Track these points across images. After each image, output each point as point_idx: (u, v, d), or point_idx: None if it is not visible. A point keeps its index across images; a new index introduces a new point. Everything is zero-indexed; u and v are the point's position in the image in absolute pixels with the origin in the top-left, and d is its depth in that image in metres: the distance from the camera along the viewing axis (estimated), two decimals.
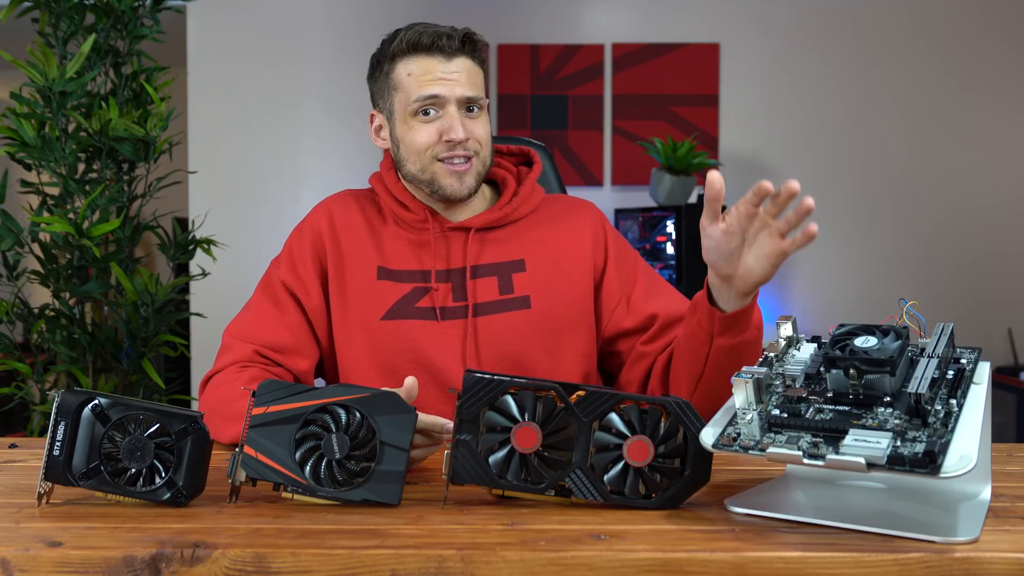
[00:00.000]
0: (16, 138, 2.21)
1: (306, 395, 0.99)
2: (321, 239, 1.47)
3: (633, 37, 3.90)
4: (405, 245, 1.45)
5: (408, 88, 1.40)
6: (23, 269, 2.31)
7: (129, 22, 2.37)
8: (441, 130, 1.39)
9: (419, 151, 1.41)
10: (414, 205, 1.46)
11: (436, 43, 1.39)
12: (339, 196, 1.54)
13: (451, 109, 1.39)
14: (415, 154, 1.41)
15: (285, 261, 1.48)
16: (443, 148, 1.40)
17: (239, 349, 1.40)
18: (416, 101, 1.39)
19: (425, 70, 1.39)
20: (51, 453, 0.96)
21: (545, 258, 1.46)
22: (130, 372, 2.36)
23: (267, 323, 1.43)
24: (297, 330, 1.43)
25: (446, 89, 1.38)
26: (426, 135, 1.40)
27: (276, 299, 1.45)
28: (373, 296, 1.42)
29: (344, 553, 0.82)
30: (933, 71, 3.91)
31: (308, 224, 1.50)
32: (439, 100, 1.39)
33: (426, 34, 1.39)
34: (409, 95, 1.40)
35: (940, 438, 0.83)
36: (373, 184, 1.51)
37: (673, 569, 0.81)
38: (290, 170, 3.91)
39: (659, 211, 3.44)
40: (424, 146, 1.40)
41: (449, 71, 1.39)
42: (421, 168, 1.42)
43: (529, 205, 1.49)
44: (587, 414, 0.96)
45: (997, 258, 3.94)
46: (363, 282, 1.43)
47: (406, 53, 1.41)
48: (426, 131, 1.40)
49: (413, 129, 1.41)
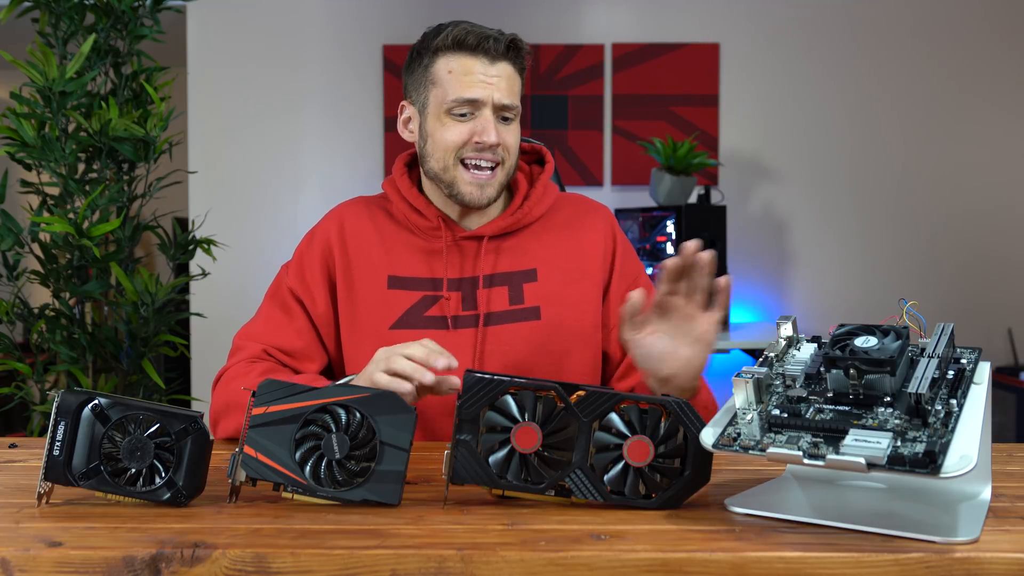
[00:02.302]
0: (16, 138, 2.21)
1: (306, 395, 0.99)
2: (330, 247, 1.46)
3: (633, 37, 3.90)
4: (416, 253, 1.44)
5: (447, 85, 1.38)
6: (23, 269, 2.31)
7: (129, 22, 2.38)
8: (473, 131, 1.37)
9: (446, 149, 1.39)
10: (428, 212, 1.44)
11: (482, 44, 1.37)
12: (351, 203, 1.53)
13: (486, 113, 1.37)
14: (442, 151, 1.39)
15: (294, 268, 1.48)
16: (471, 149, 1.38)
17: (249, 348, 1.42)
18: (453, 101, 1.37)
19: (466, 70, 1.37)
20: (51, 453, 0.96)
21: (556, 267, 1.45)
22: (130, 372, 2.36)
23: (276, 328, 1.44)
24: (305, 335, 1.44)
25: (485, 93, 1.36)
26: (457, 134, 1.38)
27: (284, 305, 1.45)
28: (383, 305, 1.42)
29: (344, 553, 0.82)
30: (933, 71, 3.91)
31: (318, 231, 1.50)
32: (476, 103, 1.37)
33: (472, 33, 1.37)
34: (447, 92, 1.38)
35: (940, 438, 0.83)
36: (386, 190, 1.50)
37: (673, 569, 0.81)
38: (290, 170, 3.91)
39: (659, 211, 3.44)
40: (453, 145, 1.38)
41: (490, 74, 1.37)
42: (444, 167, 1.40)
43: (542, 206, 1.48)
44: (587, 414, 0.96)
45: (997, 258, 3.94)
46: (373, 290, 1.43)
47: (450, 49, 1.38)
48: (458, 130, 1.38)
49: (445, 126, 1.39)
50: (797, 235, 3.91)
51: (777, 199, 3.89)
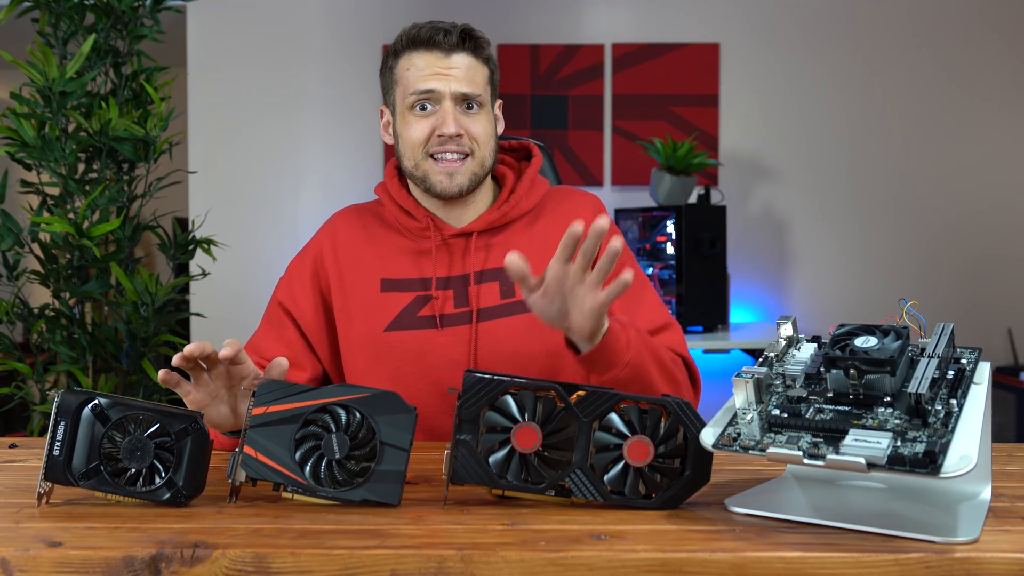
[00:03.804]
0: (16, 138, 2.21)
1: (306, 395, 0.99)
2: (322, 258, 1.49)
3: (633, 37, 3.90)
4: (406, 255, 1.46)
5: (406, 82, 1.41)
6: (23, 269, 2.31)
7: (129, 22, 2.38)
8: (435, 125, 1.39)
9: (413, 146, 1.41)
10: (418, 212, 1.46)
11: (434, 38, 1.39)
12: (343, 213, 1.56)
13: (446, 104, 1.39)
14: (410, 149, 1.42)
15: (284, 282, 1.51)
16: (435, 143, 1.40)
17: None
18: (412, 95, 1.39)
19: (423, 64, 1.39)
20: (51, 453, 0.96)
21: (545, 257, 1.45)
22: (130, 372, 2.36)
23: (267, 341, 1.47)
24: (294, 345, 1.46)
25: (441, 84, 1.38)
26: (419, 130, 1.40)
27: (273, 320, 1.49)
28: (376, 308, 1.43)
29: (344, 553, 0.82)
30: (933, 71, 3.91)
31: (311, 245, 1.53)
32: (434, 95, 1.39)
33: (425, 28, 1.40)
34: (406, 89, 1.40)
35: (940, 438, 0.83)
36: (378, 194, 1.52)
37: (673, 569, 0.81)
38: (290, 170, 3.91)
39: (659, 211, 3.44)
40: (418, 141, 1.40)
41: (446, 66, 1.39)
42: (415, 164, 1.42)
43: (530, 200, 1.48)
44: (587, 414, 0.96)
45: (997, 258, 3.94)
46: (366, 295, 1.44)
47: (406, 48, 1.41)
48: (420, 126, 1.40)
49: (409, 124, 1.41)
50: (797, 235, 3.91)
51: (777, 199, 3.89)
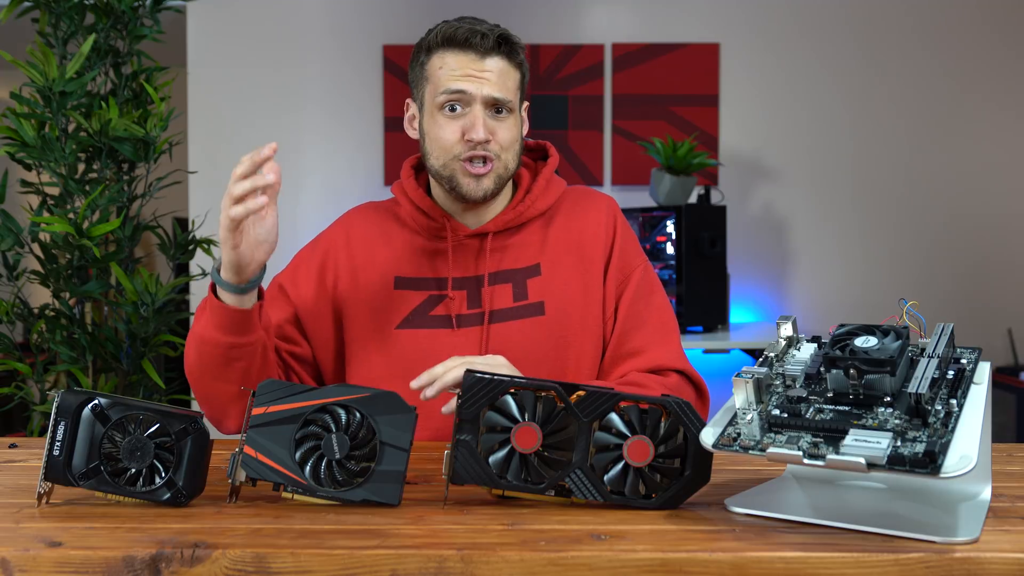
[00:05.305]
0: (16, 138, 2.21)
1: (306, 395, 0.99)
2: (335, 251, 1.48)
3: (633, 37, 3.90)
4: (421, 254, 1.46)
5: (437, 80, 1.39)
6: (23, 269, 2.31)
7: (129, 22, 2.38)
8: (464, 128, 1.38)
9: (443, 148, 1.39)
10: (434, 212, 1.45)
11: (470, 39, 1.37)
12: (358, 209, 1.56)
13: (476, 108, 1.37)
14: (439, 149, 1.40)
15: (288, 268, 1.51)
16: (465, 148, 1.38)
17: None
18: (443, 94, 1.38)
19: (456, 65, 1.38)
20: (51, 453, 0.96)
21: (559, 260, 1.45)
22: (130, 372, 2.36)
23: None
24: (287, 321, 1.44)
25: (473, 86, 1.37)
26: (449, 132, 1.38)
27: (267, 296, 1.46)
28: (389, 305, 1.43)
29: (344, 553, 0.82)
30: (934, 72, 3.91)
31: (323, 237, 1.52)
32: (465, 97, 1.37)
33: (462, 29, 1.38)
34: (437, 87, 1.39)
35: (940, 438, 0.83)
36: (395, 192, 1.51)
37: (673, 569, 0.81)
38: (290, 170, 3.91)
39: (659, 211, 3.44)
40: (448, 144, 1.39)
41: (480, 69, 1.37)
42: (443, 164, 1.41)
43: (546, 200, 1.48)
44: (587, 414, 0.96)
45: (997, 258, 3.94)
46: (380, 292, 1.44)
47: (441, 46, 1.39)
48: (450, 128, 1.38)
49: (438, 123, 1.39)
50: (797, 235, 3.91)
51: (777, 199, 3.89)
